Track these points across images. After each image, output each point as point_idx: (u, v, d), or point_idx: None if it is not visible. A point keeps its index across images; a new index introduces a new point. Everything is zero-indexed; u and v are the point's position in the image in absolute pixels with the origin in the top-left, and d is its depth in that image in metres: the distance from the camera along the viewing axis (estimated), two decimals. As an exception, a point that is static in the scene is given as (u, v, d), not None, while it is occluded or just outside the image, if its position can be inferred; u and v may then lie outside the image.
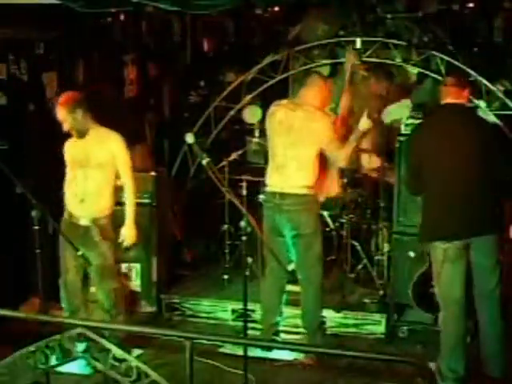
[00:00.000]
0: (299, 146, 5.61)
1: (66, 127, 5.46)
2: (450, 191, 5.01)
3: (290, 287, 6.62)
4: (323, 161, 5.72)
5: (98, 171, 5.48)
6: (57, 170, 6.83)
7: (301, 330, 5.98)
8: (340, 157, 5.66)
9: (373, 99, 7.46)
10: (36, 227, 5.05)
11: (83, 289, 5.76)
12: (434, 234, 5.10)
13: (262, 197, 6.23)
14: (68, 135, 5.54)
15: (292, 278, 6.65)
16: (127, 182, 5.60)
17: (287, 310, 6.34)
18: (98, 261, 5.55)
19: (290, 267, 6.71)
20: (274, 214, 5.72)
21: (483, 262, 5.09)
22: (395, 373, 5.27)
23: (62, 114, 5.43)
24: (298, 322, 6.08)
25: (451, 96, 5.14)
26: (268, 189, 5.78)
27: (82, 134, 5.51)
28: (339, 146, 5.62)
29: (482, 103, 7.22)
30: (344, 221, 6.81)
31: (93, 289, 6.09)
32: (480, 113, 7.20)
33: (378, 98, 7.59)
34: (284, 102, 5.87)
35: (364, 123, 5.54)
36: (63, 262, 5.65)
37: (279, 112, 5.75)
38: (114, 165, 5.53)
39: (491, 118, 7.17)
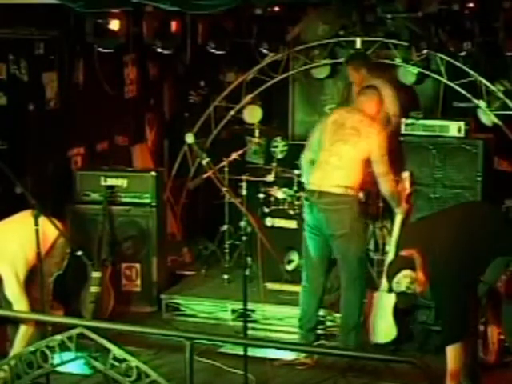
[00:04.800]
0: (345, 144, 5.64)
1: None
2: None
3: (289, 287, 6.65)
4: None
5: None
6: (57, 169, 6.87)
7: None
8: (385, 183, 5.69)
9: None
10: (36, 227, 5.05)
11: None
12: None
13: (303, 194, 6.22)
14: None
15: (292, 279, 6.67)
16: None
17: (287, 310, 6.35)
18: None
19: (290, 267, 6.74)
20: (312, 213, 5.73)
21: None
22: (395, 373, 5.27)
23: None
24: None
25: None
26: (308, 187, 5.81)
27: None
28: (387, 169, 5.64)
29: (482, 103, 7.22)
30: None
31: (93, 289, 6.10)
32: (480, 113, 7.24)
33: None
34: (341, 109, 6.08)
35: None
36: None
37: (335, 114, 5.91)
38: None
39: (491, 118, 7.18)
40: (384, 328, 5.85)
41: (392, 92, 6.95)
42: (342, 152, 5.63)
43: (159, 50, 7.29)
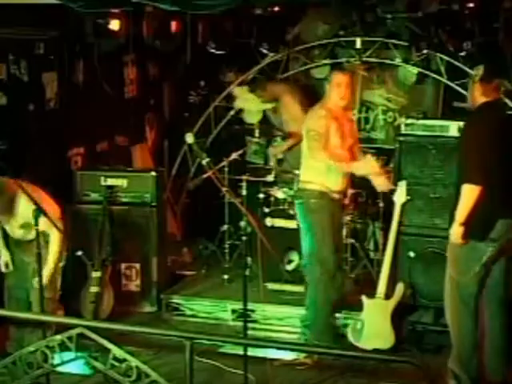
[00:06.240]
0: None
1: None
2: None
3: (289, 287, 6.65)
4: None
5: None
6: (57, 169, 6.87)
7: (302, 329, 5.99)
8: (315, 154, 5.77)
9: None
10: (36, 227, 5.05)
11: None
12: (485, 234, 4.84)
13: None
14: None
15: (292, 279, 6.67)
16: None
17: (287, 310, 6.35)
18: None
19: (290, 267, 6.74)
20: None
21: None
22: (395, 373, 5.27)
23: None
24: (298, 321, 6.09)
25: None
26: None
27: None
28: (316, 144, 5.69)
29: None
30: (343, 221, 6.79)
31: (93, 289, 6.11)
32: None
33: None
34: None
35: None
36: None
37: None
38: None
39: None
40: (382, 335, 5.83)
41: (291, 97, 7.32)
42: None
43: (159, 50, 7.31)
